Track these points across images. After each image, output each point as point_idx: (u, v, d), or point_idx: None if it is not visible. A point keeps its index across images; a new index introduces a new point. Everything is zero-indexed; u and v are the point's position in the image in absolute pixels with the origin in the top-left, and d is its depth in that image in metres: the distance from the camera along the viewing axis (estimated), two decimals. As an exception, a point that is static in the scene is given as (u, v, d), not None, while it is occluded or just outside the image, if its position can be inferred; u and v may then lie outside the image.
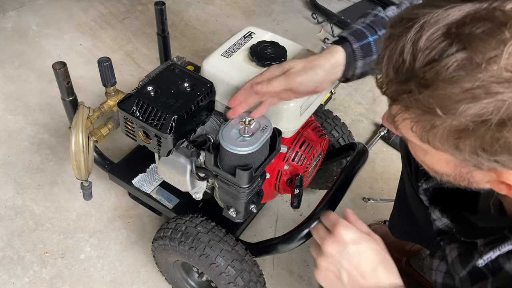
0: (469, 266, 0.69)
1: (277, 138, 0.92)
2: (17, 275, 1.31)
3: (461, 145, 0.50)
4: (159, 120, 0.91)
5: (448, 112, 0.48)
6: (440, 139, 0.52)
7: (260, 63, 0.99)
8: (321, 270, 0.70)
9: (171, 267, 1.20)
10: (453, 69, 0.47)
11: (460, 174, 0.58)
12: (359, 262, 0.67)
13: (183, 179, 1.06)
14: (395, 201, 1.19)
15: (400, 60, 0.50)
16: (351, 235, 0.69)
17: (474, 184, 0.60)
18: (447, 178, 0.61)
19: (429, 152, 0.58)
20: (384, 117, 0.66)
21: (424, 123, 0.51)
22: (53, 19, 2.13)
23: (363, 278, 0.67)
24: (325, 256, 0.69)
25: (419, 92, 0.49)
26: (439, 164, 0.59)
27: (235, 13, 2.30)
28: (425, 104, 0.49)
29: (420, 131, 0.53)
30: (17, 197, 1.48)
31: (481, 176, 0.57)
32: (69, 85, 1.06)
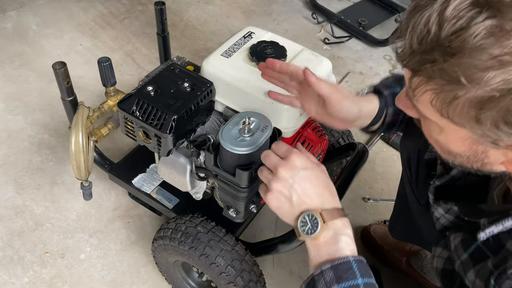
0: (471, 248, 0.70)
1: (277, 138, 0.92)
2: (17, 275, 1.31)
3: (482, 117, 0.50)
4: (159, 120, 0.91)
5: (473, 81, 0.47)
6: (460, 112, 0.51)
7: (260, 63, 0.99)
8: (273, 193, 0.74)
9: (171, 267, 1.20)
10: (481, 37, 0.46)
11: (475, 154, 0.58)
12: (308, 186, 0.72)
13: (183, 179, 1.06)
14: (395, 203, 1.19)
15: (425, 31, 0.50)
16: (302, 162, 0.74)
17: (487, 166, 0.60)
18: (460, 159, 0.61)
19: (445, 129, 0.57)
20: (398, 98, 0.67)
21: (446, 94, 0.51)
22: (53, 19, 2.13)
23: (310, 199, 0.72)
24: (278, 179, 0.73)
25: (444, 60, 0.49)
26: (454, 142, 0.59)
27: (235, 13, 2.30)
28: (449, 73, 0.49)
29: (440, 104, 0.52)
30: (17, 197, 1.48)
31: (496, 155, 0.57)
32: (69, 85, 1.06)
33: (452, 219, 0.81)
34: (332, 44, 2.17)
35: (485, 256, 0.67)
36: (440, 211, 0.83)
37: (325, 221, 0.69)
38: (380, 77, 2.03)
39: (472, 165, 0.61)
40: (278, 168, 0.73)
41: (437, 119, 0.56)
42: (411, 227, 1.09)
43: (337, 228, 0.69)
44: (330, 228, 0.69)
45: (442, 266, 0.81)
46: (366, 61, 2.11)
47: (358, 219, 1.51)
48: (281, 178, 0.73)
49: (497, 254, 0.64)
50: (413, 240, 1.24)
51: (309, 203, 0.71)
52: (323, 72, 1.04)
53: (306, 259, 1.38)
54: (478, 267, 0.67)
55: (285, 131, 0.98)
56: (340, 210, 0.71)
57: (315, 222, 0.69)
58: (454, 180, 0.81)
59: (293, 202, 0.72)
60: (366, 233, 1.43)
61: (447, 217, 0.82)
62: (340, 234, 0.68)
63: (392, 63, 2.11)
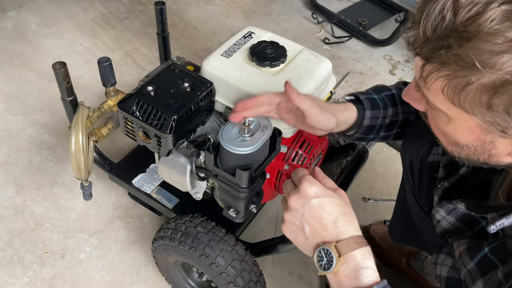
0: (478, 257, 0.69)
1: (277, 138, 0.92)
2: (17, 275, 1.31)
3: (494, 102, 0.50)
4: (159, 120, 0.91)
5: (487, 65, 0.48)
6: (472, 98, 0.51)
7: (260, 63, 0.99)
8: (286, 223, 0.72)
9: (171, 267, 1.20)
10: (497, 22, 0.47)
11: (482, 144, 0.58)
12: (321, 214, 0.68)
13: (183, 179, 1.06)
14: (395, 207, 1.19)
15: (440, 18, 0.51)
16: (314, 190, 0.70)
17: (494, 157, 0.60)
18: (467, 150, 0.61)
19: (454, 119, 0.58)
20: (406, 91, 0.68)
21: (459, 81, 0.51)
22: (53, 19, 2.13)
23: (324, 230, 0.68)
24: (289, 210, 0.71)
25: (458, 46, 0.49)
26: (462, 132, 0.59)
27: (235, 13, 2.30)
28: (464, 58, 0.49)
29: (452, 91, 0.52)
30: (17, 197, 1.48)
31: (503, 146, 0.57)
32: (69, 85, 1.06)
33: (453, 221, 0.80)
34: (332, 44, 2.17)
35: (493, 265, 0.66)
36: (441, 213, 0.82)
37: (341, 254, 0.65)
38: (380, 77, 2.04)
39: (478, 157, 0.61)
40: (289, 198, 0.71)
41: (447, 108, 0.56)
42: (412, 232, 1.09)
43: (356, 262, 0.65)
44: (348, 261, 0.65)
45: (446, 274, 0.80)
46: (366, 61, 2.11)
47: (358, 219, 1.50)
48: (291, 208, 0.70)
49: (506, 263, 0.64)
50: (413, 243, 1.24)
51: (324, 234, 0.68)
52: (323, 72, 1.04)
53: (306, 259, 1.38)
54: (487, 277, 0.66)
55: (285, 131, 0.98)
56: (359, 238, 0.67)
57: (330, 257, 0.65)
58: (463, 179, 0.81)
59: (307, 233, 0.69)
60: (366, 233, 1.43)
61: (448, 219, 0.81)
62: (361, 268, 0.65)
63: (392, 63, 2.11)
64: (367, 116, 0.92)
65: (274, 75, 0.98)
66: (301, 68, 1.01)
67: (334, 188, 0.74)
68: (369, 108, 0.92)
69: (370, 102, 0.93)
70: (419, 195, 0.99)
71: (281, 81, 0.97)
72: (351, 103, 0.93)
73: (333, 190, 0.73)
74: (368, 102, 0.93)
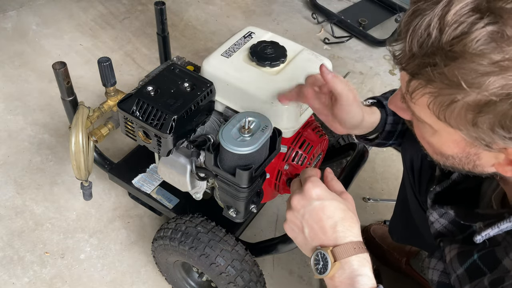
0: (467, 263, 0.69)
1: (277, 138, 0.92)
2: (17, 275, 1.31)
3: (479, 120, 0.50)
4: (159, 120, 0.91)
5: (473, 85, 0.48)
6: (457, 115, 0.51)
7: (260, 63, 0.99)
8: (287, 222, 0.72)
9: (171, 267, 1.20)
10: (482, 42, 0.47)
11: (467, 156, 0.59)
12: (321, 217, 0.68)
13: (183, 179, 1.06)
14: (395, 206, 1.19)
15: (426, 34, 0.50)
16: (317, 192, 0.69)
17: (478, 168, 0.60)
18: (452, 160, 0.61)
19: (439, 132, 0.58)
20: (391, 100, 0.67)
21: (444, 98, 0.51)
22: (53, 19, 2.13)
23: (323, 233, 0.68)
24: (291, 209, 0.71)
25: (444, 65, 0.49)
26: (447, 144, 0.59)
27: (235, 13, 2.30)
28: (450, 77, 0.49)
29: (437, 108, 0.53)
30: (17, 197, 1.48)
31: (488, 158, 0.57)
32: (69, 85, 1.06)
33: (446, 224, 0.81)
34: (332, 44, 2.17)
35: (481, 272, 0.66)
36: (434, 216, 0.82)
37: (337, 260, 0.65)
38: (380, 77, 2.04)
39: (463, 167, 0.62)
40: (292, 197, 0.71)
41: (432, 122, 0.56)
42: (412, 231, 1.09)
43: (352, 269, 0.64)
44: (344, 268, 0.65)
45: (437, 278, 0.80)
46: (366, 61, 2.11)
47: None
48: (293, 208, 0.70)
49: (494, 271, 0.64)
50: (413, 242, 1.24)
51: (322, 238, 0.68)
52: (323, 72, 1.04)
53: (307, 259, 1.38)
54: (474, 283, 0.67)
55: (285, 131, 0.98)
56: (357, 244, 0.67)
57: (326, 261, 0.65)
58: (455, 184, 0.81)
59: (306, 234, 0.69)
60: (366, 233, 1.43)
61: (441, 221, 0.81)
62: (357, 275, 0.64)
63: (392, 63, 2.11)
64: (389, 121, 0.92)
65: (274, 75, 0.98)
66: (301, 68, 1.01)
67: (340, 192, 0.73)
68: (392, 114, 0.92)
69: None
70: (419, 194, 0.99)
71: (281, 81, 0.97)
72: (375, 107, 0.91)
73: (339, 193, 0.73)
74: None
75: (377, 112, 0.91)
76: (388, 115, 0.92)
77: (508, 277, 0.61)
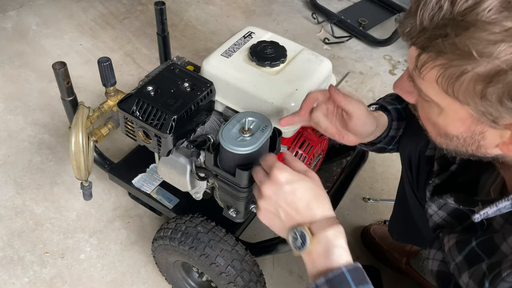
0: (465, 251, 0.70)
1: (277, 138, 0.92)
2: (17, 275, 1.31)
3: (488, 92, 0.51)
4: (159, 120, 0.91)
5: (483, 54, 0.49)
6: (466, 88, 0.52)
7: (260, 63, 0.99)
8: (261, 211, 0.74)
9: (171, 267, 1.20)
10: (494, 12, 0.48)
11: (472, 136, 0.59)
12: (293, 200, 0.70)
13: (183, 179, 1.06)
14: (394, 204, 1.19)
15: (437, 7, 0.51)
16: (285, 176, 0.71)
17: (482, 149, 0.61)
18: (456, 142, 0.62)
19: (446, 111, 0.59)
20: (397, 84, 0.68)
21: (454, 70, 0.52)
22: (53, 19, 2.13)
23: (298, 214, 0.70)
24: (263, 198, 0.72)
25: (455, 35, 0.50)
26: (453, 123, 0.59)
27: (235, 13, 2.30)
28: (461, 47, 0.50)
29: (446, 81, 0.53)
30: (17, 197, 1.48)
31: (493, 137, 0.58)
32: (69, 85, 1.06)
33: (444, 216, 0.81)
34: (332, 44, 2.17)
35: (480, 258, 0.67)
36: (433, 208, 0.83)
37: (314, 234, 0.67)
38: (380, 77, 2.04)
39: (467, 149, 0.62)
40: (262, 186, 0.73)
41: (440, 99, 0.57)
42: (411, 229, 1.09)
43: (328, 241, 0.67)
44: (320, 241, 0.67)
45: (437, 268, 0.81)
46: (366, 61, 2.11)
47: (358, 219, 1.51)
48: (265, 196, 0.72)
49: (492, 256, 0.65)
50: (413, 241, 1.24)
51: (297, 218, 0.70)
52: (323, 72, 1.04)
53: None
54: (473, 269, 0.67)
55: (285, 131, 0.98)
56: (331, 218, 0.69)
57: (304, 238, 0.68)
58: (453, 177, 0.82)
59: (282, 218, 0.71)
60: (366, 233, 1.43)
61: (440, 214, 0.82)
62: (332, 247, 0.67)
63: (392, 63, 2.11)
64: (393, 126, 0.93)
65: (274, 75, 0.98)
66: (301, 68, 1.01)
67: (304, 171, 0.75)
68: (396, 119, 0.93)
69: (397, 113, 0.94)
70: (417, 190, 0.99)
71: (281, 81, 0.97)
72: (381, 111, 0.92)
73: (304, 173, 0.74)
74: (395, 112, 0.93)
75: (384, 116, 0.92)
76: (393, 120, 0.93)
77: (506, 260, 0.61)
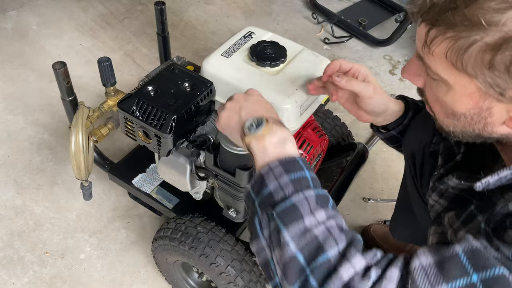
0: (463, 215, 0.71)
1: (277, 138, 0.92)
2: (17, 275, 1.31)
3: (496, 61, 0.53)
4: (159, 120, 0.91)
5: (492, 23, 0.51)
6: (475, 59, 0.54)
7: (260, 63, 0.99)
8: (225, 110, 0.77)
9: (171, 267, 1.20)
10: None
11: (479, 112, 0.61)
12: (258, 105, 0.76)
13: (183, 179, 1.06)
14: (396, 203, 1.19)
15: None
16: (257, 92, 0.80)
17: (488, 127, 0.63)
18: (464, 121, 0.63)
19: (454, 88, 0.61)
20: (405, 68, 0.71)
21: (463, 41, 0.54)
22: (53, 19, 2.13)
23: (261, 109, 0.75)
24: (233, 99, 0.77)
25: (465, 6, 0.53)
26: (461, 100, 0.61)
27: (235, 13, 2.30)
28: (470, 17, 0.53)
29: (455, 54, 0.56)
30: (17, 197, 1.48)
31: (500, 113, 0.60)
32: (69, 85, 1.06)
33: (445, 205, 0.81)
34: (332, 44, 2.17)
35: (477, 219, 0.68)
36: (434, 198, 0.83)
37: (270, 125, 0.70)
38: (380, 77, 2.04)
39: (473, 128, 0.64)
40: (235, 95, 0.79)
41: (448, 75, 0.59)
42: (413, 228, 1.09)
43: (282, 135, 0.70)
44: (276, 132, 0.70)
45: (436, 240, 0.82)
46: (366, 61, 2.11)
47: (358, 219, 1.51)
48: (235, 99, 0.77)
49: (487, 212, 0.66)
50: (415, 240, 1.24)
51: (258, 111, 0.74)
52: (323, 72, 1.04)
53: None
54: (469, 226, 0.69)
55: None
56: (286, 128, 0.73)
57: (260, 122, 0.70)
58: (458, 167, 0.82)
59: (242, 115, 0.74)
60: (366, 233, 1.43)
61: (441, 202, 0.82)
62: (286, 140, 0.70)
63: (392, 63, 2.11)
64: (409, 115, 0.96)
65: (274, 75, 0.98)
66: (301, 68, 1.01)
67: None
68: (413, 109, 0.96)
69: (415, 105, 0.97)
70: (420, 186, 0.99)
71: (281, 81, 0.97)
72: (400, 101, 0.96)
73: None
74: (414, 105, 0.97)
75: (401, 103, 0.95)
76: (410, 109, 0.96)
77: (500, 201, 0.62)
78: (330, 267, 0.58)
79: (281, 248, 0.61)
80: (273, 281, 0.64)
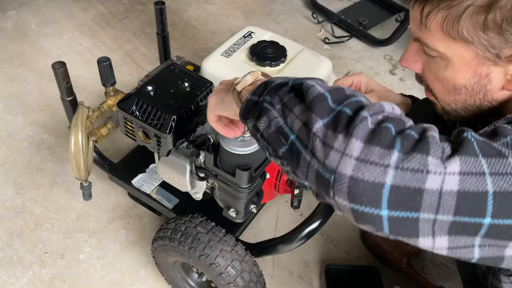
0: None
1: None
2: (17, 275, 1.31)
3: (488, 21, 0.57)
4: (159, 120, 0.91)
5: None
6: (469, 23, 0.58)
7: (260, 63, 0.99)
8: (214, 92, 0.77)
9: (171, 268, 1.20)
10: None
11: (479, 81, 0.64)
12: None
13: (183, 179, 1.06)
14: None
15: None
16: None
17: (489, 95, 0.66)
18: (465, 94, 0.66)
19: (452, 60, 0.64)
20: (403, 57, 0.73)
21: (456, 8, 0.58)
22: (52, 19, 2.12)
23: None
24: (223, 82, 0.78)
25: None
26: (460, 72, 0.64)
27: (235, 12, 2.30)
28: None
29: (450, 23, 0.59)
30: (17, 197, 1.48)
31: (498, 77, 0.63)
32: (68, 85, 1.06)
33: None
34: (332, 44, 2.17)
35: None
36: None
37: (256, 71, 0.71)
38: (380, 77, 2.04)
39: (475, 99, 0.66)
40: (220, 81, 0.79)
41: (446, 48, 0.63)
42: None
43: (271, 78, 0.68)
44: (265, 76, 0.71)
45: None
46: (366, 61, 2.10)
47: (358, 219, 1.50)
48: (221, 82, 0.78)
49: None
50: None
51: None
52: (323, 71, 1.04)
53: (306, 259, 1.38)
54: None
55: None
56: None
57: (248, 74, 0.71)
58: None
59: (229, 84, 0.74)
60: (366, 233, 1.42)
61: None
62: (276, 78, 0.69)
63: (392, 63, 2.11)
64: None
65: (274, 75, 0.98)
66: (301, 68, 1.01)
67: None
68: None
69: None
70: None
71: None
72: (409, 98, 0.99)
73: None
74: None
75: (408, 98, 0.98)
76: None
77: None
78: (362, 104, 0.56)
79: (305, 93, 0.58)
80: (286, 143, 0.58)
